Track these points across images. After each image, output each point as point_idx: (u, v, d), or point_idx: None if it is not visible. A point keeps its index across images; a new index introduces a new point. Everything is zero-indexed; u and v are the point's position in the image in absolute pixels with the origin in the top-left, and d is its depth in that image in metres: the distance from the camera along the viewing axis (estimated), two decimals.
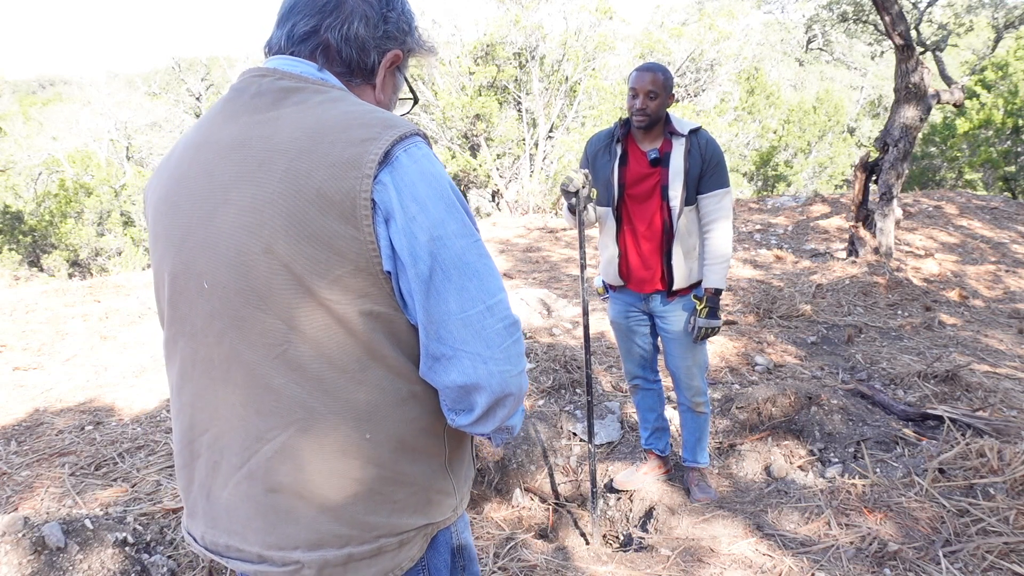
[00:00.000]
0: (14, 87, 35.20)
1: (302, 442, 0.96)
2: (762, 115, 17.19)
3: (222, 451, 1.01)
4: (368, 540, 0.99)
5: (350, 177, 0.90)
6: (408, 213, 0.91)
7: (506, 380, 0.96)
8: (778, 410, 3.54)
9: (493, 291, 0.95)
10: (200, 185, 0.99)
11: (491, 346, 0.94)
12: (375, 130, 0.93)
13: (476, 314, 0.93)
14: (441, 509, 1.07)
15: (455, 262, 0.93)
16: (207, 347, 1.00)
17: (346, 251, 0.91)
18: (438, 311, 0.93)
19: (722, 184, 2.70)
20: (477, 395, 0.96)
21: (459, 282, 0.93)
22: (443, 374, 0.96)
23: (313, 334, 0.94)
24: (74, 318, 5.87)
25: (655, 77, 2.61)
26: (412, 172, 0.92)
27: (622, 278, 2.86)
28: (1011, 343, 5.14)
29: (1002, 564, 2.26)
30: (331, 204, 0.90)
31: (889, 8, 6.24)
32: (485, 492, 3.20)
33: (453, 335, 0.93)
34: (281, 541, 0.99)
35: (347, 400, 0.96)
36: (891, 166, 6.62)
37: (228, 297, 0.96)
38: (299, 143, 0.93)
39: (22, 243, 13.32)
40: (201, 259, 0.98)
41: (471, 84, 13.81)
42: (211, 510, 1.04)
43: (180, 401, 1.06)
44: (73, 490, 2.89)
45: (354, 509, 0.98)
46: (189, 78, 25.23)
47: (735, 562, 2.44)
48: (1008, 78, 14.41)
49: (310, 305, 0.93)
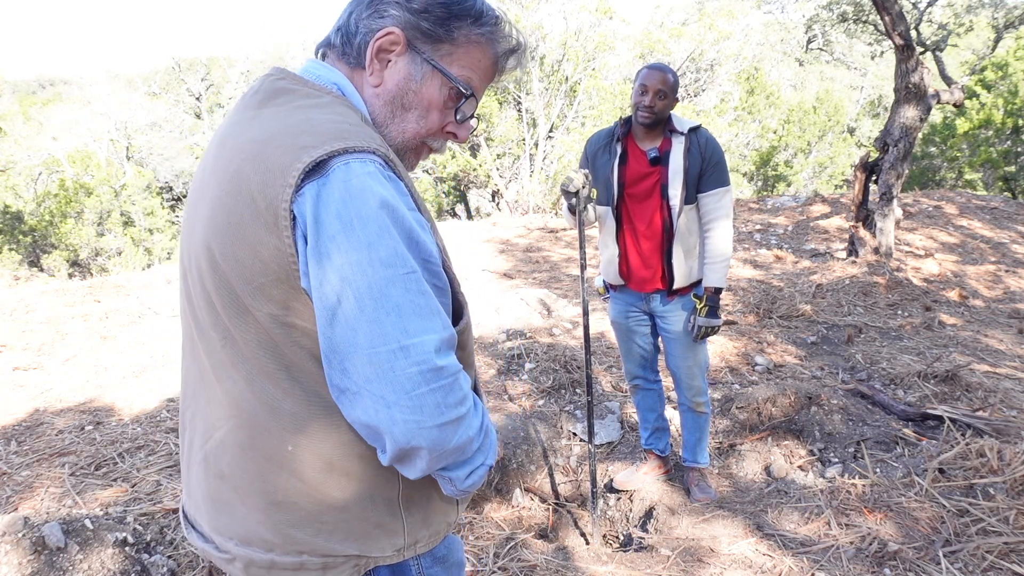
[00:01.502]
0: (14, 87, 35.20)
1: (237, 439, 0.98)
2: (762, 115, 17.19)
3: (195, 430, 1.07)
4: (291, 552, 0.98)
5: (276, 184, 0.86)
6: (325, 231, 0.84)
7: (412, 431, 0.85)
8: (778, 410, 3.54)
9: (414, 331, 0.84)
10: (197, 179, 1.04)
11: (397, 391, 0.83)
12: (320, 139, 0.87)
13: (386, 352, 0.83)
14: (379, 545, 1.00)
15: (372, 292, 0.83)
16: (190, 330, 1.05)
17: (269, 261, 0.88)
18: (344, 342, 0.84)
19: (722, 183, 2.70)
20: (384, 439, 0.87)
21: (373, 315, 0.83)
22: (349, 408, 0.87)
23: (241, 335, 0.94)
24: (74, 318, 5.87)
25: (667, 77, 2.61)
26: (343, 187, 0.85)
27: (622, 277, 2.86)
28: (1011, 343, 5.14)
29: (1002, 564, 2.26)
30: (258, 211, 0.87)
31: (889, 8, 6.24)
32: (485, 492, 3.20)
33: (358, 371, 0.84)
34: (220, 527, 1.03)
35: (273, 408, 0.94)
36: (891, 166, 6.62)
37: (195, 288, 0.99)
38: (251, 145, 0.91)
39: (22, 243, 13.32)
40: (186, 249, 1.02)
41: None
42: (188, 480, 1.10)
43: (182, 374, 1.12)
44: (73, 490, 2.89)
45: (278, 518, 0.97)
46: (189, 78, 25.23)
47: (735, 562, 2.44)
48: (1008, 78, 14.41)
49: (238, 308, 0.92)
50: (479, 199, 17.55)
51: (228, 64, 25.13)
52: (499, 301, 5.62)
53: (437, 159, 14.13)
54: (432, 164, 14.00)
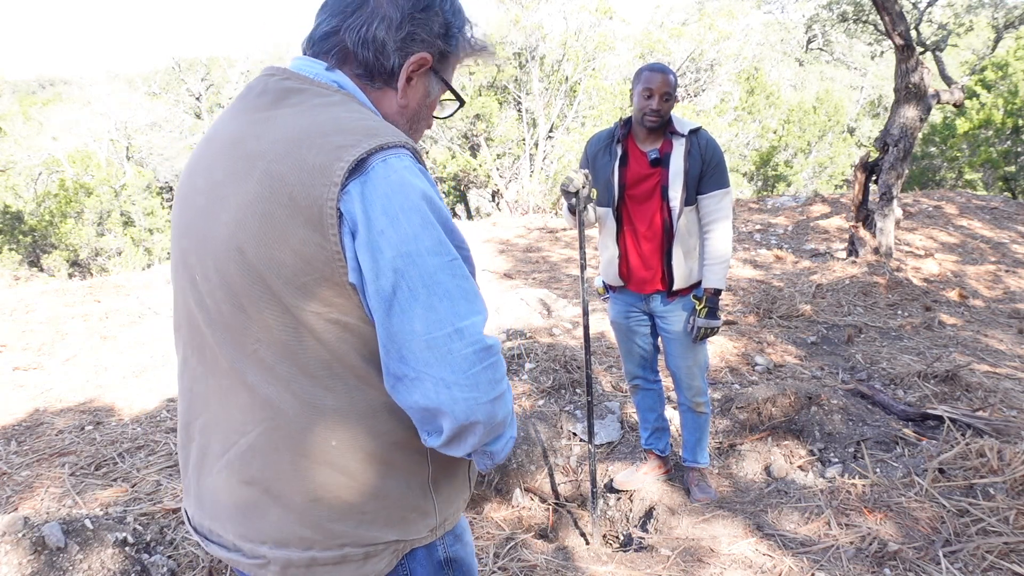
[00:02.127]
0: (14, 87, 35.20)
1: (271, 441, 0.97)
2: (762, 115, 17.18)
3: (210, 438, 1.04)
4: (332, 547, 0.99)
5: (318, 184, 0.88)
6: (375, 226, 0.88)
7: (472, 408, 0.90)
8: (778, 410, 3.54)
9: (465, 313, 0.90)
10: (201, 180, 1.01)
11: (456, 371, 0.89)
12: (355, 137, 0.91)
13: (443, 336, 0.88)
14: (416, 528, 1.04)
15: (424, 280, 0.88)
16: (200, 336, 1.02)
17: (313, 259, 0.89)
18: (401, 330, 0.88)
19: (722, 184, 2.70)
20: (442, 420, 0.92)
21: (427, 301, 0.88)
22: (406, 395, 0.91)
23: (281, 337, 0.94)
24: (74, 318, 5.87)
25: (669, 79, 2.62)
26: (385, 183, 0.89)
27: (622, 278, 2.86)
28: (1011, 343, 5.14)
29: (1002, 564, 2.26)
30: (300, 210, 0.89)
31: (889, 8, 6.24)
32: (485, 492, 3.20)
33: (417, 356, 0.88)
34: (251, 533, 1.01)
35: (314, 405, 0.95)
36: (891, 166, 6.62)
37: (213, 292, 0.97)
38: (280, 146, 0.92)
39: (22, 243, 13.32)
40: (194, 254, 1.00)
41: (471, 84, 13.81)
42: (200, 493, 1.07)
43: (182, 384, 1.09)
44: (73, 490, 2.89)
45: (319, 514, 0.98)
46: (189, 78, 25.22)
47: (735, 562, 2.44)
48: (1008, 78, 14.41)
49: (278, 309, 0.92)
50: (479, 199, 17.57)
51: (228, 64, 25.12)
52: (499, 301, 5.62)
53: (437, 159, 14.14)
54: (432, 164, 14.00)
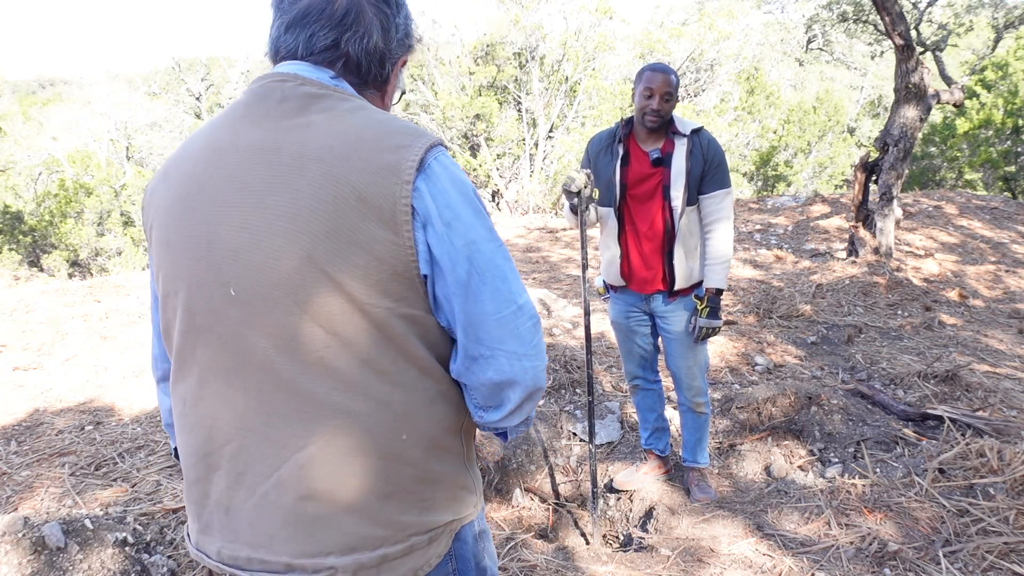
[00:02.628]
0: (14, 87, 35.21)
1: (339, 446, 0.96)
2: (762, 115, 17.19)
3: (247, 462, 0.99)
4: (401, 540, 1.00)
5: (389, 183, 0.92)
6: (444, 219, 0.94)
7: (537, 374, 1.01)
8: (778, 410, 3.54)
9: (520, 291, 1.00)
10: (226, 191, 0.97)
11: (524, 343, 0.99)
12: (407, 138, 0.96)
13: (510, 314, 0.97)
14: (465, 505, 1.10)
15: (488, 265, 0.96)
16: (232, 357, 0.98)
17: (385, 256, 0.93)
18: (475, 313, 0.96)
19: (723, 184, 2.70)
20: (510, 391, 1.01)
21: (493, 284, 0.97)
22: (479, 373, 0.99)
23: (352, 338, 0.94)
24: (74, 318, 5.87)
25: (670, 79, 2.62)
26: (444, 179, 0.96)
27: (624, 279, 2.86)
28: (1011, 343, 5.14)
29: (1002, 564, 2.26)
30: (371, 209, 0.92)
31: (889, 8, 6.24)
32: (485, 492, 3.20)
33: (491, 335, 0.97)
34: (313, 548, 0.98)
35: (385, 402, 0.97)
36: (891, 166, 6.62)
37: (260, 305, 0.94)
38: (335, 150, 0.94)
39: (22, 243, 13.32)
40: (230, 266, 0.96)
41: (471, 84, 13.82)
42: (231, 524, 1.02)
43: (196, 413, 1.03)
44: (73, 490, 2.89)
45: (389, 510, 0.99)
46: (189, 78, 25.22)
47: (735, 562, 2.44)
48: (1008, 78, 14.40)
49: (349, 310, 0.93)
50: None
51: (228, 64, 25.13)
52: None
53: None
54: None
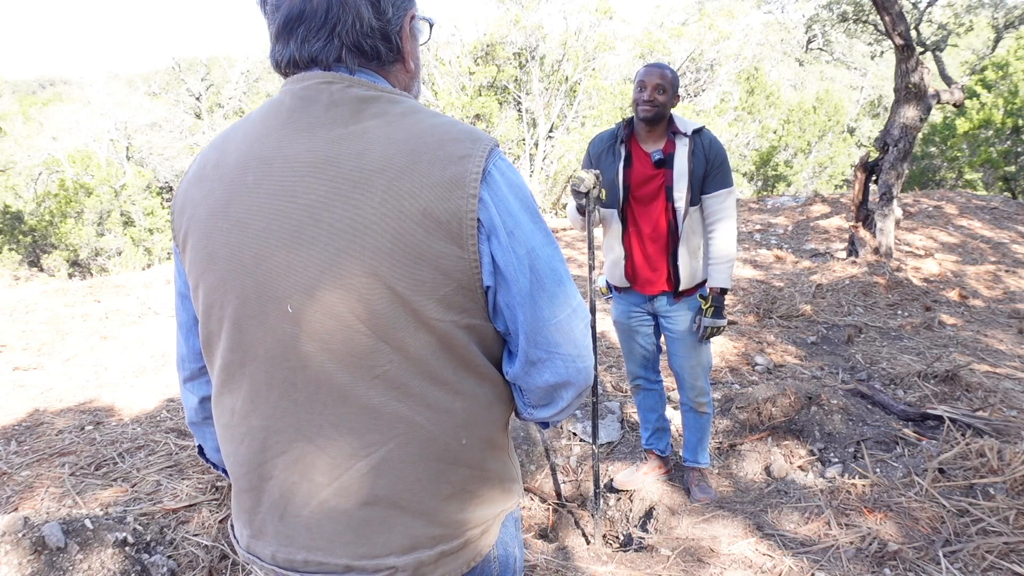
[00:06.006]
0: (14, 87, 35.21)
1: (402, 455, 0.97)
2: (762, 115, 17.19)
3: (303, 472, 1.00)
4: (458, 536, 1.03)
5: (455, 197, 0.90)
6: (507, 229, 0.94)
7: (589, 375, 1.02)
8: (778, 410, 3.54)
9: (574, 292, 1.00)
10: (278, 204, 0.93)
11: (578, 346, 0.99)
12: (465, 145, 0.93)
13: (565, 317, 0.98)
14: (511, 495, 1.12)
15: (547, 271, 0.97)
16: (289, 371, 0.97)
17: (451, 270, 0.92)
18: (537, 319, 0.97)
19: (726, 184, 2.70)
20: (564, 391, 1.02)
21: (551, 290, 0.97)
22: (537, 376, 1.01)
23: (416, 352, 0.94)
24: (74, 318, 5.87)
25: (663, 73, 2.64)
26: (504, 187, 0.94)
27: (628, 280, 2.86)
28: (1011, 343, 5.14)
29: (1002, 564, 2.26)
30: (438, 224, 0.90)
31: (889, 8, 6.24)
32: None
33: (548, 340, 0.98)
34: (374, 551, 0.99)
35: (448, 410, 0.98)
36: (891, 166, 6.63)
37: (319, 320, 0.93)
38: (396, 161, 0.90)
39: (22, 243, 13.33)
40: (284, 281, 0.94)
41: (471, 84, 13.82)
42: (285, 529, 1.03)
43: (247, 424, 1.03)
44: (73, 490, 2.89)
45: (448, 510, 1.01)
46: (189, 78, 25.23)
47: (735, 562, 2.44)
48: (1008, 78, 14.41)
49: (414, 325, 0.93)
50: None
51: (228, 64, 25.14)
52: None
53: None
54: None
